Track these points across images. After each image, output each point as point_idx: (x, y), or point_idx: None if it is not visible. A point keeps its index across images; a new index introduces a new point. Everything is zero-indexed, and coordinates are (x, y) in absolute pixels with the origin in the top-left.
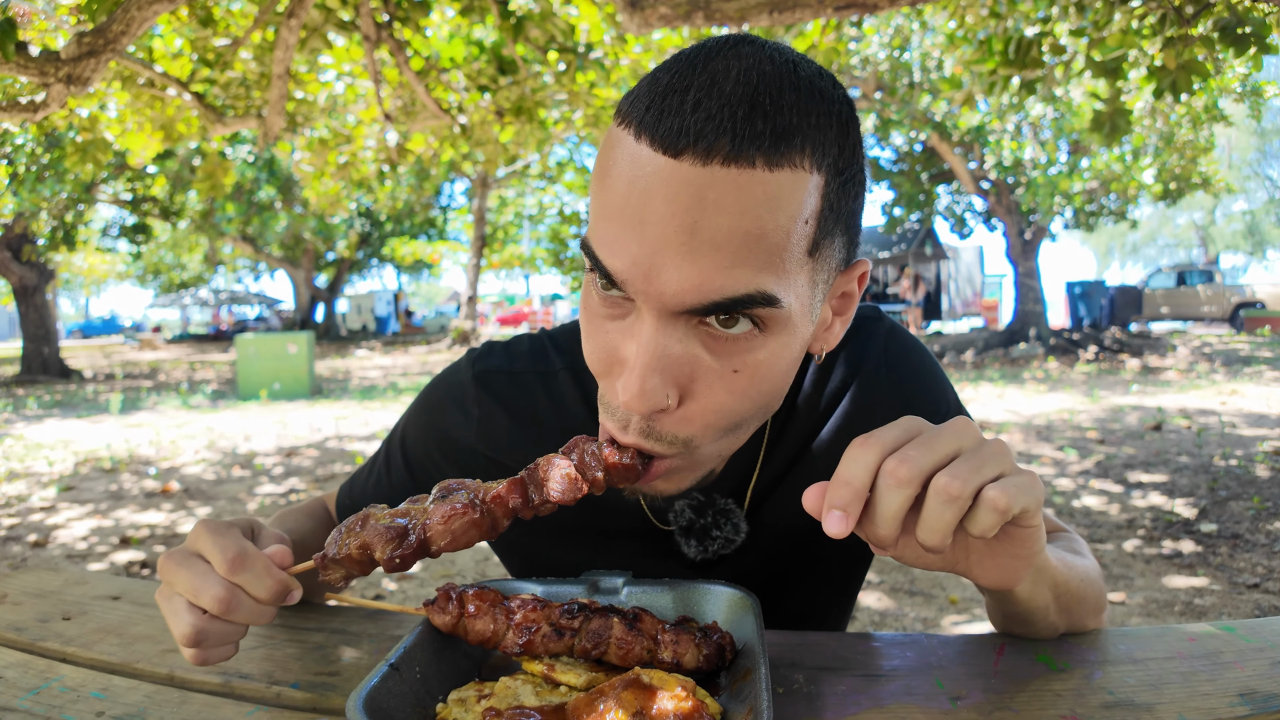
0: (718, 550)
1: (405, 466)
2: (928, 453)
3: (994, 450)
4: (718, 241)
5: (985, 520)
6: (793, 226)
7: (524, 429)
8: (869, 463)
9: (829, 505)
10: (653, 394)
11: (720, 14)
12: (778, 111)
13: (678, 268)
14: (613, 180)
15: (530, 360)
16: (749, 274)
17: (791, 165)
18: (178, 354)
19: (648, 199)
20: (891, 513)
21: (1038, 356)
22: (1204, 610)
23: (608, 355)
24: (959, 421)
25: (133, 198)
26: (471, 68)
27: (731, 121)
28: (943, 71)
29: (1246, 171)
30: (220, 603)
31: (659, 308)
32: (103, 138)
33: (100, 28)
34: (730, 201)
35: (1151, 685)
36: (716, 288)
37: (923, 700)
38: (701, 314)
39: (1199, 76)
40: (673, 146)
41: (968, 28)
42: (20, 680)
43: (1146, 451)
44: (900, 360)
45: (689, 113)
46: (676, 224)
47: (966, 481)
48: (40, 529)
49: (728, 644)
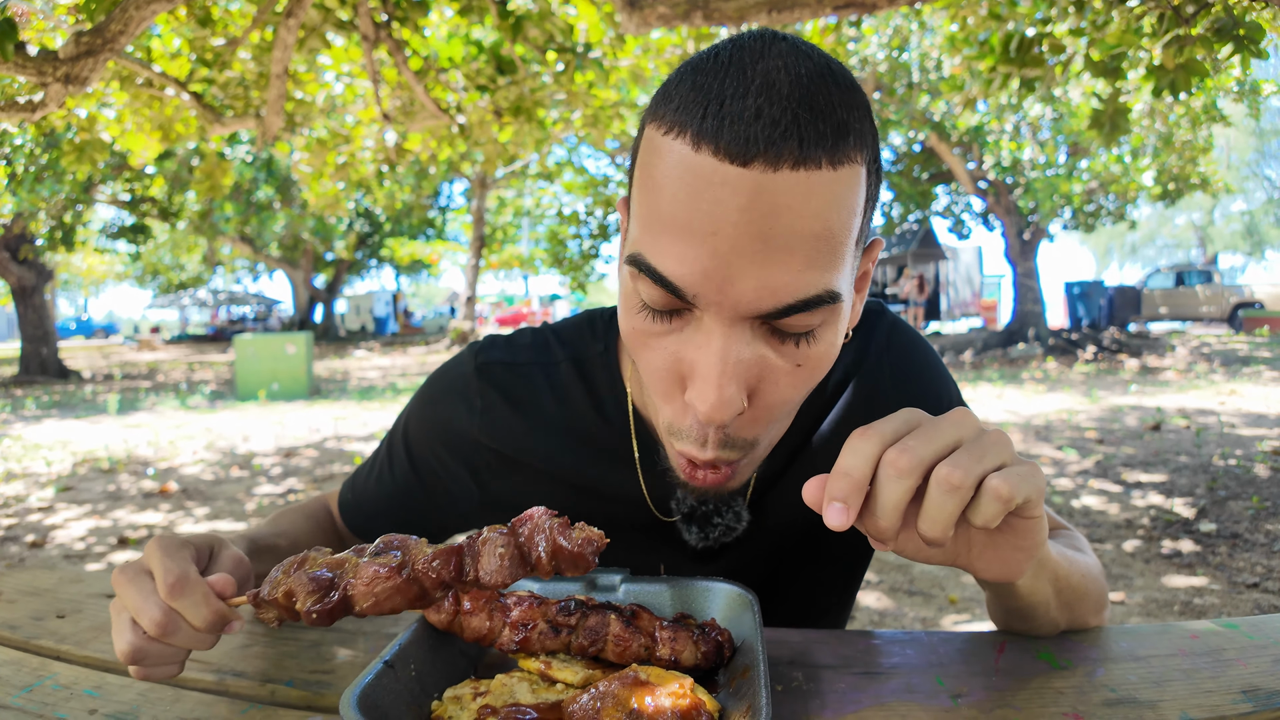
0: (719, 537)
1: (408, 461)
2: (928, 443)
3: (995, 440)
4: (790, 246)
5: (988, 510)
6: (852, 221)
7: (527, 420)
8: (869, 454)
9: (829, 497)
10: (731, 402)
11: (719, 14)
12: (832, 110)
13: (753, 276)
14: (672, 193)
15: (532, 353)
16: (818, 275)
17: (850, 161)
18: (176, 354)
19: (718, 210)
20: (892, 504)
21: (1036, 357)
22: (1203, 610)
23: (671, 371)
24: (958, 412)
25: (131, 198)
26: (470, 68)
27: (796, 125)
28: (941, 72)
29: (1245, 172)
30: (156, 626)
31: (731, 315)
32: (100, 138)
33: (98, 27)
34: (801, 205)
35: (1154, 683)
36: (790, 292)
37: (923, 698)
38: (775, 318)
39: (1198, 76)
40: (740, 156)
41: (968, 30)
42: (13, 678)
43: (1145, 451)
44: (902, 353)
45: (752, 120)
46: (751, 232)
47: (968, 471)
48: (38, 529)
49: (726, 641)
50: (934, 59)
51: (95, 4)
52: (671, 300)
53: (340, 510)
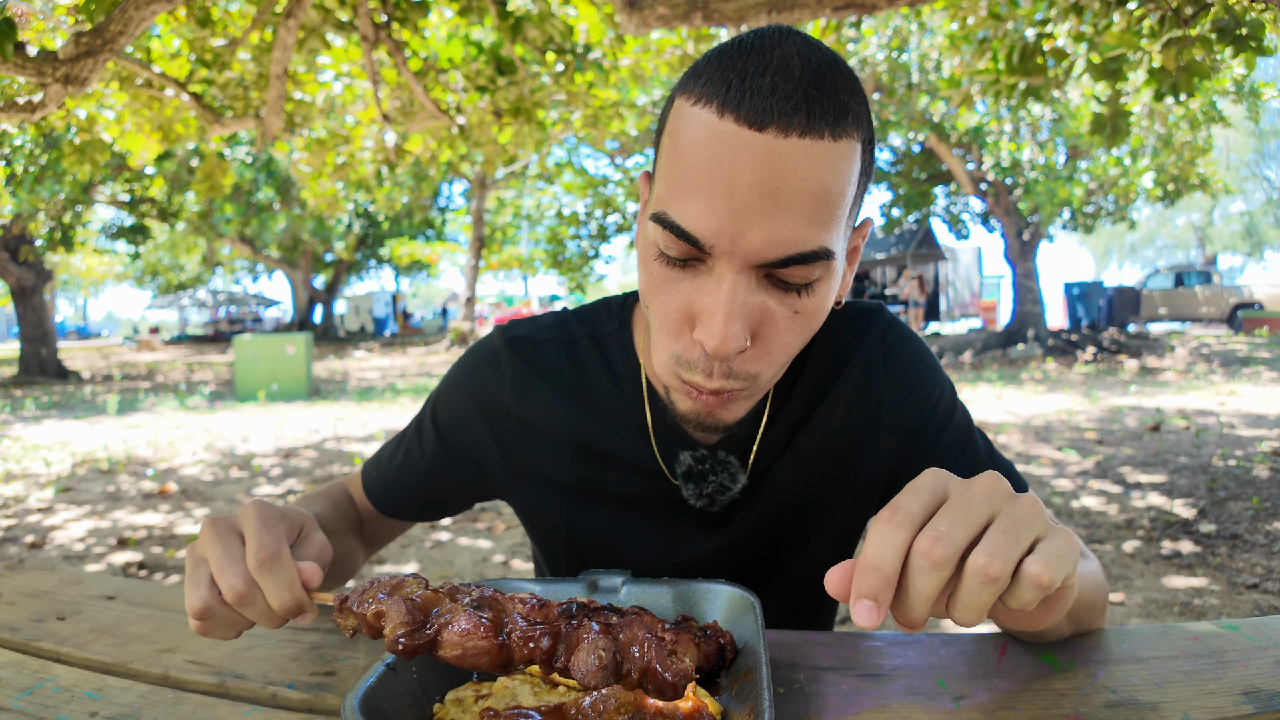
0: (713, 494)
1: (437, 437)
2: (961, 526)
3: (1028, 511)
4: (795, 204)
5: (1026, 596)
6: (846, 190)
7: (551, 390)
8: (899, 544)
9: (857, 594)
10: (735, 338)
11: (719, 14)
12: (835, 91)
13: (761, 229)
14: (695, 154)
15: (554, 330)
16: (816, 231)
17: (848, 136)
18: (175, 355)
19: (736, 169)
20: (925, 596)
21: (1036, 357)
22: (1203, 610)
23: (682, 312)
24: (988, 480)
25: (131, 199)
26: (470, 68)
27: (805, 100)
28: (941, 73)
29: (1244, 172)
30: (235, 594)
31: (741, 264)
32: (100, 138)
33: (98, 28)
34: (805, 168)
35: (1155, 684)
36: (793, 244)
37: (925, 700)
38: (778, 267)
39: (1199, 77)
40: (757, 122)
41: (968, 29)
42: (14, 680)
43: (1145, 452)
44: (895, 348)
45: (768, 94)
46: (761, 190)
47: (1006, 559)
48: (37, 530)
49: (728, 643)
50: (933, 60)
51: (95, 4)
52: (688, 250)
53: (367, 491)
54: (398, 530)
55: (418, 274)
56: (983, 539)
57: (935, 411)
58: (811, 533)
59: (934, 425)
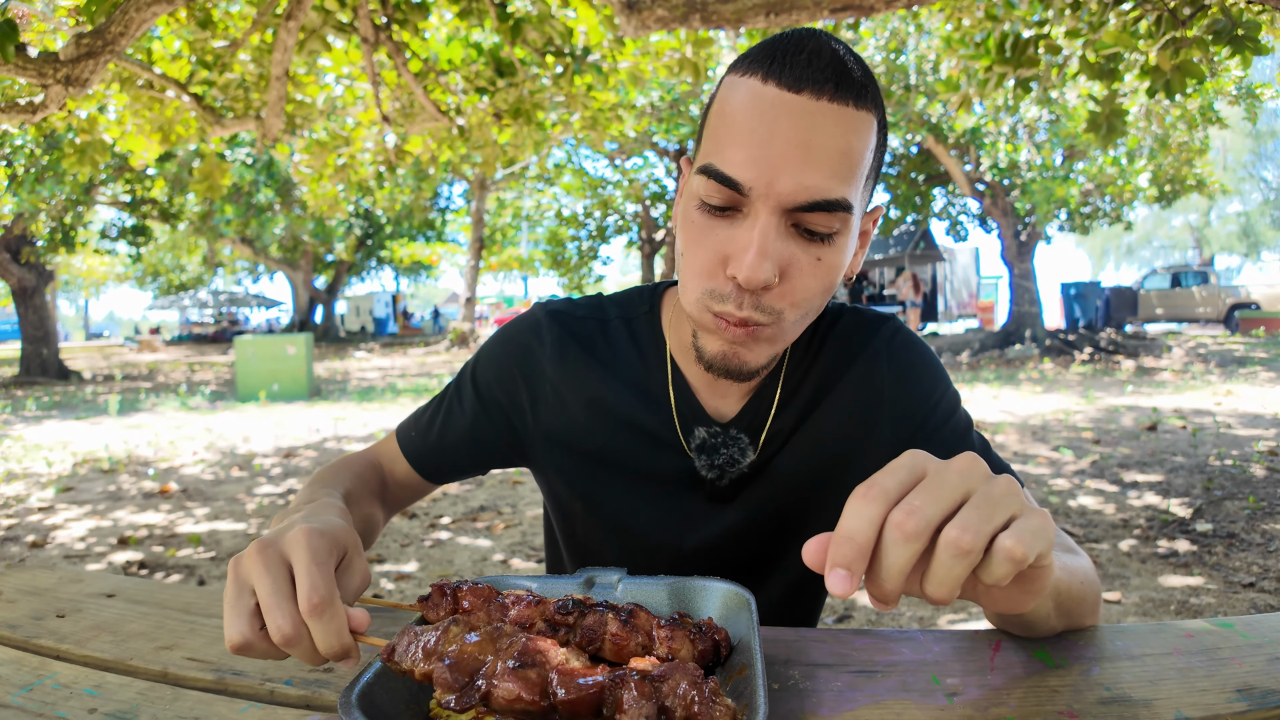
0: (722, 465)
1: (476, 397)
2: (934, 500)
3: (1004, 490)
4: (823, 157)
5: (999, 570)
6: (865, 153)
7: (584, 357)
8: (873, 516)
9: (832, 563)
10: (766, 270)
11: (717, 16)
12: (857, 73)
13: (793, 174)
14: (741, 114)
15: (590, 310)
16: (839, 184)
17: (868, 109)
18: (176, 355)
19: (775, 123)
20: (898, 569)
21: (1033, 357)
22: (1199, 609)
23: (717, 253)
24: (965, 459)
25: (132, 200)
26: (470, 70)
27: (835, 72)
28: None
29: (1241, 173)
30: (283, 637)
31: (774, 206)
32: (101, 139)
33: (99, 29)
34: (833, 127)
35: (1149, 681)
36: (819, 191)
37: (919, 696)
38: (806, 210)
39: (1194, 78)
40: (794, 86)
41: (964, 30)
42: (13, 677)
43: (1142, 451)
44: (902, 350)
45: (805, 66)
46: (797, 141)
47: (978, 533)
48: (39, 529)
49: (723, 640)
50: (931, 61)
51: (96, 6)
52: (729, 197)
53: (407, 455)
54: (421, 494)
55: (418, 274)
56: (957, 514)
57: (935, 409)
58: (814, 520)
59: (933, 422)
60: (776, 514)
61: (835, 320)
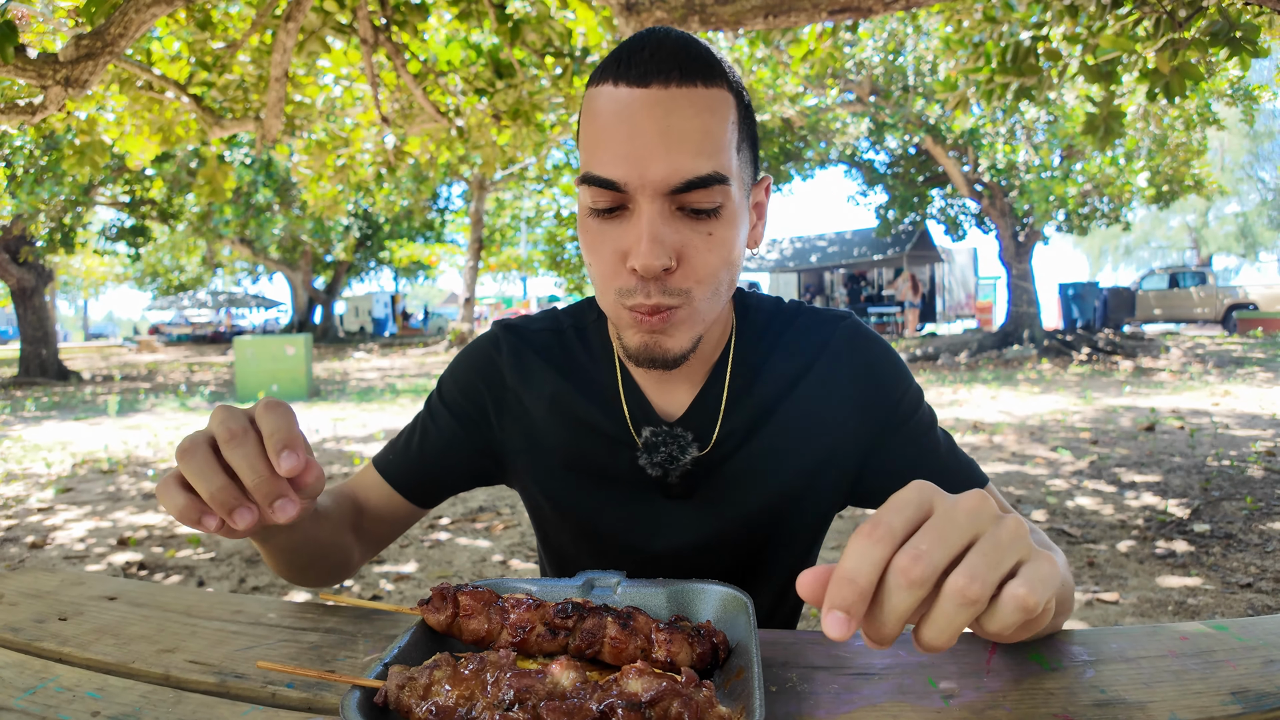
0: (662, 462)
1: (448, 413)
2: (941, 544)
3: (1012, 534)
4: (684, 139)
5: (1008, 619)
6: (726, 126)
7: (543, 366)
8: (877, 559)
9: (830, 605)
10: (660, 255)
11: (716, 18)
12: (701, 53)
13: (661, 161)
14: (603, 119)
15: (544, 322)
16: (705, 160)
17: (718, 85)
18: (175, 356)
19: (632, 119)
20: (899, 613)
21: (1031, 358)
22: (1197, 610)
23: (615, 252)
24: (974, 498)
25: (131, 200)
26: (469, 71)
27: (678, 59)
28: (936, 75)
29: (1239, 174)
30: (228, 431)
31: (652, 194)
32: (100, 140)
33: (98, 30)
34: (687, 109)
35: (1144, 684)
36: (689, 170)
37: (915, 699)
38: (683, 191)
39: (1192, 80)
40: (643, 80)
41: (963, 32)
42: (16, 680)
43: (1140, 452)
44: (862, 348)
45: (649, 59)
46: (656, 130)
47: (986, 582)
48: (38, 530)
49: (721, 643)
50: (929, 63)
51: (95, 7)
52: (611, 198)
53: (386, 476)
54: (399, 525)
55: (417, 275)
56: (964, 560)
57: (898, 407)
58: (790, 521)
59: (897, 420)
60: (744, 519)
61: (791, 320)
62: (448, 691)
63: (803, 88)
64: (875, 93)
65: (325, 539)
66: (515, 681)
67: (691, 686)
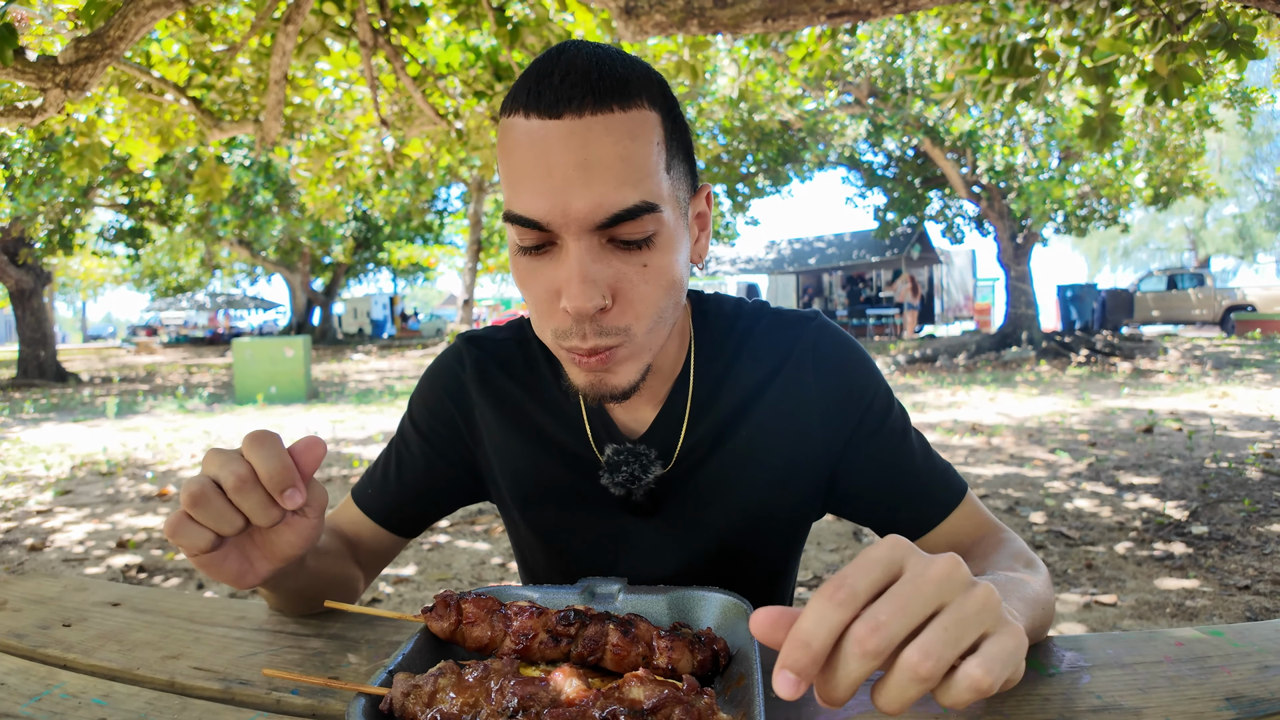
0: (624, 482)
1: (419, 435)
2: (901, 614)
3: (978, 605)
4: (604, 169)
5: (959, 697)
6: (650, 149)
7: (507, 379)
8: (834, 624)
9: (781, 664)
10: (592, 297)
11: (715, 21)
12: (615, 72)
13: (582, 196)
14: (518, 155)
15: (510, 332)
16: (630, 190)
17: (637, 105)
18: (174, 357)
19: (548, 154)
20: (851, 681)
21: (1029, 359)
22: (1195, 612)
23: (547, 291)
24: (945, 564)
25: (129, 202)
26: (468, 74)
27: (590, 83)
28: (935, 77)
29: (1237, 175)
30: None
31: (577, 231)
32: (99, 142)
33: (98, 33)
34: (604, 138)
35: (1139, 689)
36: (614, 203)
37: (913, 704)
38: (609, 227)
39: (1190, 82)
40: (553, 111)
41: (961, 34)
42: (21, 687)
43: (1138, 454)
44: (828, 354)
45: (559, 85)
46: (572, 163)
47: (940, 659)
48: (37, 533)
49: (721, 650)
50: (927, 65)
51: (95, 9)
52: (537, 235)
53: (364, 509)
54: (387, 555)
55: (416, 277)
56: (922, 633)
57: (869, 411)
58: (762, 533)
59: (869, 425)
60: (713, 534)
61: (753, 324)
62: (452, 699)
63: (801, 90)
64: (874, 95)
65: (330, 573)
66: (519, 689)
67: (693, 694)
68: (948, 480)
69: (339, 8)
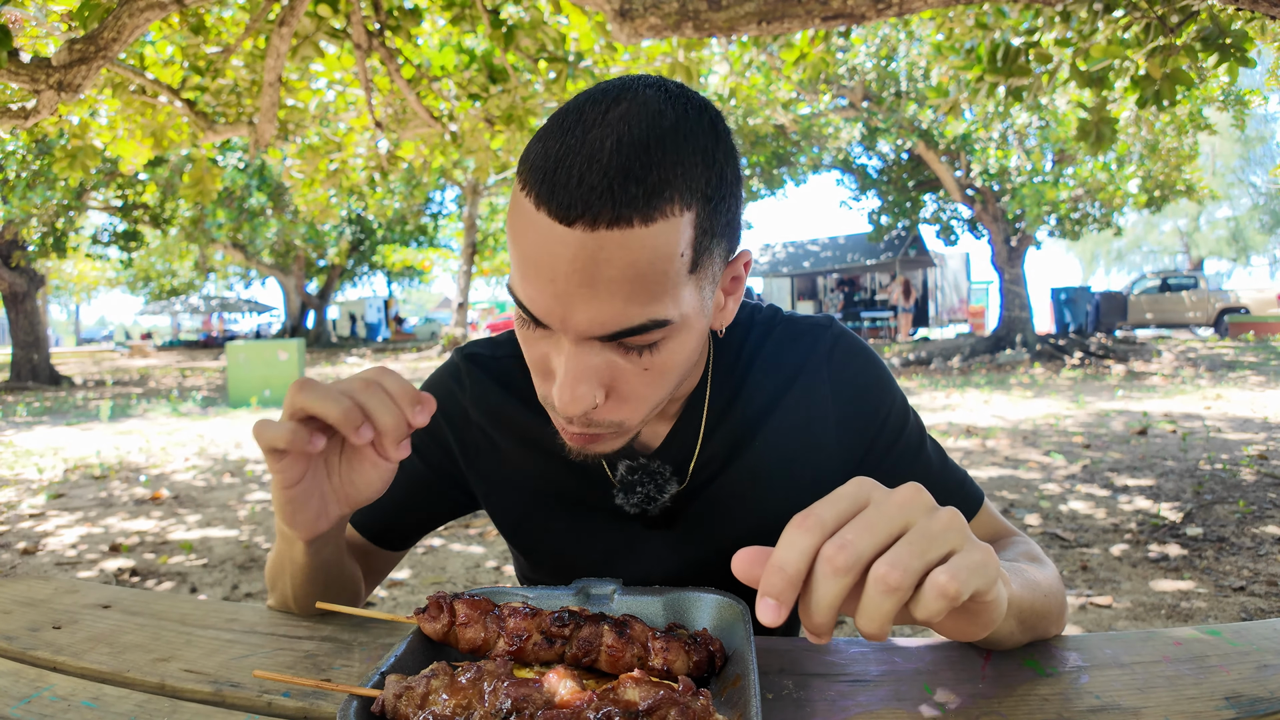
0: (639, 504)
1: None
2: (868, 534)
3: (944, 525)
4: (612, 288)
5: (932, 606)
6: (671, 264)
7: (508, 397)
8: (805, 548)
9: (762, 592)
10: (583, 399)
11: (709, 24)
12: (647, 173)
13: (583, 311)
14: (525, 243)
15: (509, 347)
16: (640, 308)
17: (664, 216)
18: (168, 361)
19: (553, 260)
20: (828, 602)
21: (1024, 362)
22: (1190, 613)
23: (543, 364)
24: (908, 490)
25: (123, 204)
26: (462, 76)
27: (610, 191)
28: (929, 81)
29: (1230, 178)
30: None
31: (575, 337)
32: (93, 144)
33: (91, 35)
34: (617, 257)
35: (1138, 689)
36: (617, 322)
37: (911, 705)
38: (608, 340)
39: (1183, 85)
40: (565, 217)
41: (954, 38)
42: (11, 689)
43: (1132, 456)
44: (843, 365)
45: (575, 187)
46: (578, 279)
47: (907, 570)
48: (29, 536)
49: (717, 651)
50: (921, 68)
51: (89, 11)
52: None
53: (356, 526)
54: (379, 569)
55: (410, 279)
56: (890, 549)
57: (886, 424)
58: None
59: (885, 438)
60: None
61: (767, 333)
62: (445, 700)
63: (796, 93)
64: (868, 98)
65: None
66: (512, 690)
67: (688, 695)
68: (965, 490)
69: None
